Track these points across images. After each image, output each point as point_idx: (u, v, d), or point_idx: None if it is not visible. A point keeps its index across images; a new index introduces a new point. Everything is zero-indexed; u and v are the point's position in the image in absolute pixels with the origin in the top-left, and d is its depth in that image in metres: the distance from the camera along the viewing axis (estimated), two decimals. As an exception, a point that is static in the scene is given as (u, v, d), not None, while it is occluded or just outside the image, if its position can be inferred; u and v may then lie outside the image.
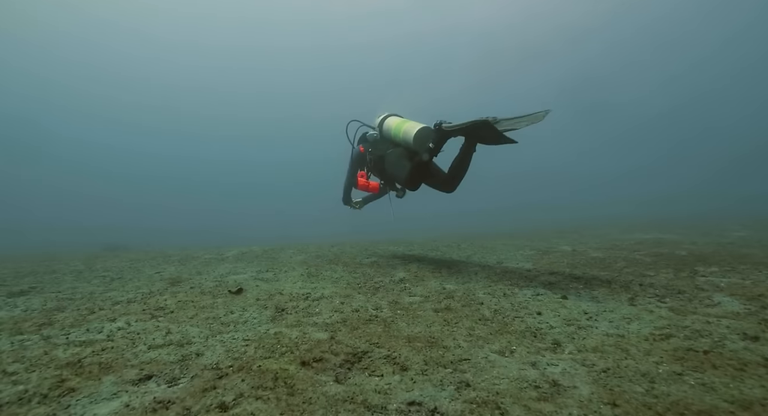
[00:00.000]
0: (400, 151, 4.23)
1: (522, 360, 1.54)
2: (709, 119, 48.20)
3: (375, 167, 4.74)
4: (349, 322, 2.03)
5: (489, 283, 3.02)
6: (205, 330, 1.99)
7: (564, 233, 9.16)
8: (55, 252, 9.64)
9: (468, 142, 3.78)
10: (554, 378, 1.36)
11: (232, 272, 4.17)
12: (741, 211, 12.84)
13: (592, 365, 1.47)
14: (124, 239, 13.18)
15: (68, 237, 17.14)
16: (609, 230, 9.60)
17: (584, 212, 19.49)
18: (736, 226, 8.24)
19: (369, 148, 4.76)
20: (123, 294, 3.20)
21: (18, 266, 5.96)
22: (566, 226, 12.21)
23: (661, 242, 5.75)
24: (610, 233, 8.44)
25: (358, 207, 5.57)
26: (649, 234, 7.32)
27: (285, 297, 2.74)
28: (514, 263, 4.23)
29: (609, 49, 48.36)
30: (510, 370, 1.43)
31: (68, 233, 19.34)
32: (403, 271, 3.83)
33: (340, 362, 1.45)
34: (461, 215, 22.15)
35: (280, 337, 1.76)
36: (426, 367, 1.43)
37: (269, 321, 2.20)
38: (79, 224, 24.50)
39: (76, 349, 1.82)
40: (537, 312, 2.18)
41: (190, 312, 2.49)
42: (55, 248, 11.73)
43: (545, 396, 1.24)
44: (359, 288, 3.11)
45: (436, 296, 2.58)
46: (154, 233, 18.10)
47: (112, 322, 2.35)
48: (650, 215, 14.58)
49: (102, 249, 10.65)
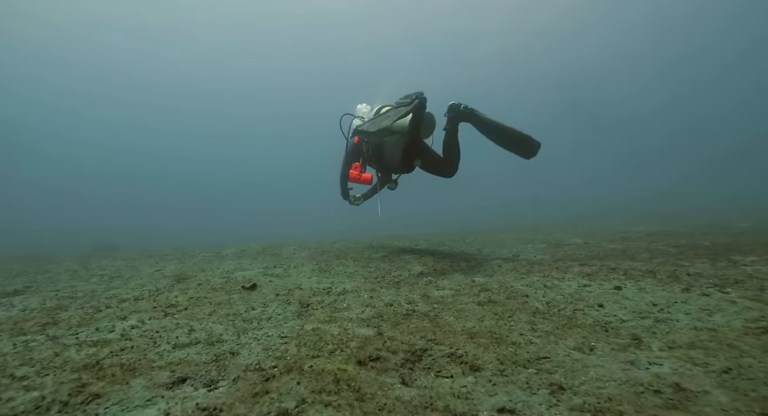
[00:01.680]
0: (397, 138, 4.40)
1: (615, 358, 1.38)
2: (695, 116, 48.85)
3: (372, 155, 4.83)
4: (387, 317, 1.88)
5: (520, 275, 2.89)
6: (230, 327, 1.83)
7: (563, 228, 9.09)
8: (44, 253, 9.32)
9: (452, 122, 4.04)
10: (674, 381, 1.20)
11: (238, 269, 4.00)
12: (729, 206, 12.89)
13: (704, 364, 1.31)
14: (113, 239, 12.81)
15: (53, 238, 16.67)
16: (608, 224, 9.58)
17: (572, 209, 19.54)
18: (735, 218, 8.26)
19: (365, 138, 4.84)
20: (128, 292, 3.02)
21: (6, 266, 5.71)
22: (560, 222, 12.17)
23: (671, 234, 5.69)
24: (612, 227, 8.40)
25: (358, 203, 5.55)
26: (652, 227, 7.28)
27: (306, 292, 2.58)
28: (531, 255, 4.11)
29: (598, 47, 48.72)
30: (610, 370, 1.27)
31: (53, 234, 18.82)
32: (419, 265, 3.69)
33: (400, 361, 1.29)
34: (449, 213, 22.04)
35: (320, 334, 1.60)
36: (502, 367, 1.28)
37: (296, 316, 2.05)
38: (64, 225, 23.87)
39: (90, 349, 1.64)
40: (597, 304, 2.04)
41: (206, 308, 2.32)
42: (42, 249, 11.36)
43: (673, 403, 1.08)
44: (379, 282, 2.96)
45: (469, 290, 2.44)
46: (142, 233, 17.67)
47: (123, 320, 2.17)
48: (642, 209, 14.62)
49: (92, 250, 10.33)
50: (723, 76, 50.21)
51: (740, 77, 50.15)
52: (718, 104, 50.40)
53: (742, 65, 49.17)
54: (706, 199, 17.93)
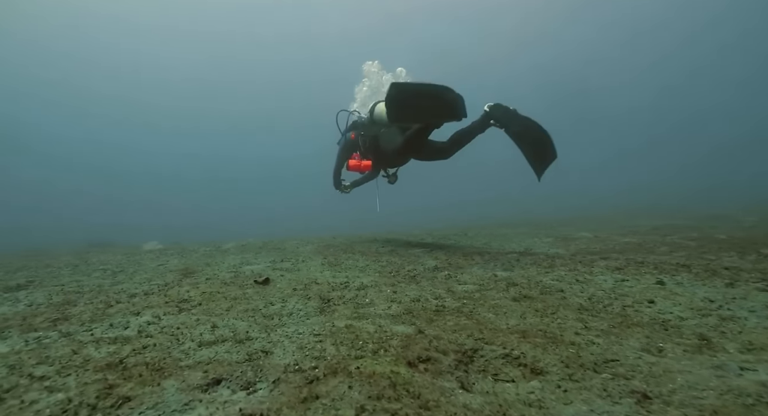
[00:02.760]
0: (393, 129, 4.70)
1: (696, 362, 1.24)
2: (683, 111, 49.08)
3: (369, 147, 5.04)
4: (417, 313, 1.81)
5: (543, 269, 2.82)
6: (253, 324, 1.75)
7: (562, 222, 9.07)
8: (39, 249, 9.16)
9: (483, 119, 4.21)
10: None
11: (245, 263, 3.92)
12: (718, 199, 12.89)
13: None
14: (104, 236, 12.62)
15: (43, 235, 16.42)
16: (610, 217, 9.56)
17: (564, 202, 19.57)
18: (735, 213, 8.27)
19: (361, 131, 5.08)
20: (136, 286, 2.93)
21: (4, 261, 5.58)
22: (555, 216, 12.13)
23: (679, 228, 5.68)
24: (615, 220, 8.39)
25: (348, 191, 5.84)
26: (657, 221, 7.27)
27: (323, 287, 2.50)
28: (544, 249, 4.06)
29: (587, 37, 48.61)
30: (701, 377, 1.14)
31: (42, 231, 18.56)
32: (431, 259, 3.63)
33: (453, 362, 1.21)
34: (438, 209, 22.03)
35: (355, 331, 1.53)
36: (569, 370, 1.18)
37: (318, 312, 1.98)
38: (50, 222, 23.50)
39: (110, 347, 1.57)
40: (647, 300, 1.94)
41: (222, 303, 2.25)
42: (35, 245, 11.17)
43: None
44: (394, 277, 2.89)
45: (494, 285, 2.38)
46: (132, 230, 17.46)
47: (137, 316, 2.09)
48: (637, 204, 14.62)
49: (87, 246, 10.18)
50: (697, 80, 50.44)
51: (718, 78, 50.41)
52: (698, 103, 50.56)
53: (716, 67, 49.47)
54: (686, 194, 18.03)
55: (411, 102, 3.68)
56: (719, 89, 49.72)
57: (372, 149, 5.02)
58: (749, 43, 44.36)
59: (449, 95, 3.64)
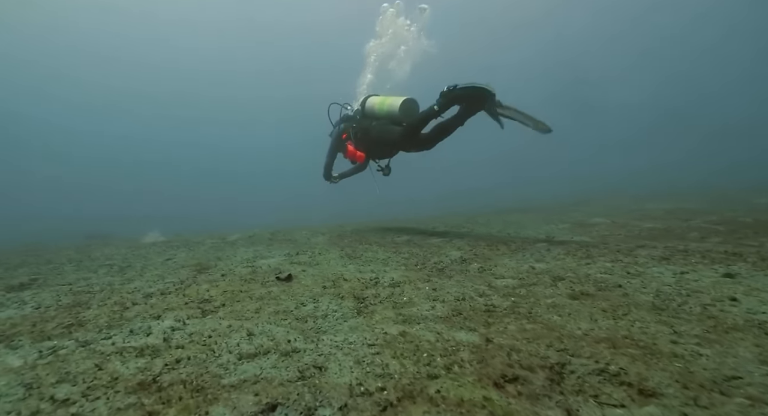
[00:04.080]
0: (384, 122, 4.93)
1: None
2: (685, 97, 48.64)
3: (361, 140, 5.22)
4: (467, 314, 1.65)
5: (581, 260, 2.65)
6: (291, 330, 1.59)
7: (567, 207, 8.93)
8: (36, 242, 8.96)
9: (463, 110, 4.14)
10: None
11: (259, 257, 3.76)
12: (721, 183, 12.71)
13: None
14: (101, 228, 12.40)
15: (40, 228, 16.17)
16: (614, 201, 9.42)
17: (564, 187, 19.44)
18: (740, 193, 8.14)
19: (353, 124, 5.30)
20: (150, 285, 2.76)
21: (2, 256, 5.39)
22: (557, 202, 11.96)
23: (695, 212, 5.54)
24: (622, 205, 8.26)
25: (336, 181, 6.12)
26: (664, 204, 7.13)
27: (353, 284, 2.35)
28: (565, 236, 3.90)
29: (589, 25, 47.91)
30: None
31: (39, 224, 18.28)
32: (453, 249, 3.48)
33: (546, 382, 1.05)
34: (430, 199, 21.83)
35: (413, 340, 1.36)
36: (690, 393, 0.99)
37: (355, 313, 1.82)
38: (46, 214, 23.15)
39: (137, 361, 1.41)
40: (728, 297, 1.76)
41: (249, 304, 2.09)
42: (30, 237, 10.95)
43: None
44: (421, 270, 2.74)
45: (536, 278, 2.23)
46: (128, 222, 17.20)
47: (158, 320, 1.93)
48: (638, 187, 14.46)
49: (85, 238, 9.98)
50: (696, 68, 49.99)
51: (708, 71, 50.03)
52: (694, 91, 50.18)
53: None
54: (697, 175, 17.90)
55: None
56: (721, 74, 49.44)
57: (363, 140, 5.19)
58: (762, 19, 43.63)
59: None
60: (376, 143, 5.08)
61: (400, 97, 4.73)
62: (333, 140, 5.66)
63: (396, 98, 4.77)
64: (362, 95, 5.30)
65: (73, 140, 51.62)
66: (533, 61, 48.97)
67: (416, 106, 4.75)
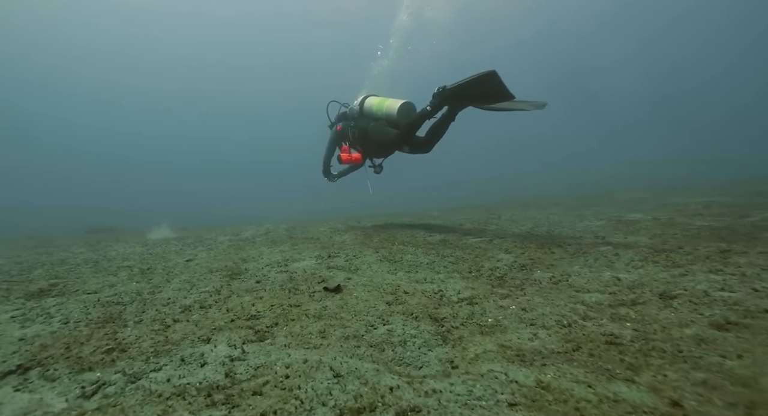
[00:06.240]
0: (382, 123, 5.04)
1: None
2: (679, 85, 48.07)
3: (358, 139, 5.33)
4: (591, 350, 1.39)
5: (673, 269, 2.32)
6: (382, 367, 1.35)
7: (587, 200, 8.67)
8: (42, 236, 8.73)
9: (451, 108, 4.24)
10: None
11: (289, 259, 3.52)
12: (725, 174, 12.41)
13: None
14: (103, 220, 12.16)
15: (42, 219, 15.93)
16: (630, 195, 9.15)
17: (569, 178, 19.19)
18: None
19: (351, 123, 5.40)
20: (183, 295, 2.53)
21: (12, 253, 5.16)
22: (569, 193, 11.70)
23: (734, 206, 5.28)
24: (645, 199, 7.99)
25: (335, 180, 6.27)
26: (696, 198, 6.87)
27: (419, 299, 2.10)
28: (617, 236, 3.63)
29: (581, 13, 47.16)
30: None
31: (38, 216, 18.03)
32: (501, 252, 3.24)
33: None
34: (438, 188, 21.58)
35: (568, 399, 1.07)
36: None
37: (441, 341, 1.58)
38: (43, 206, 22.89)
39: (212, 412, 1.18)
40: None
41: (308, 324, 1.86)
42: (32, 231, 10.71)
43: None
44: (478, 278, 2.52)
45: (633, 294, 1.94)
46: (126, 214, 16.95)
47: (208, 344, 1.71)
48: (650, 179, 14.18)
49: (87, 232, 9.76)
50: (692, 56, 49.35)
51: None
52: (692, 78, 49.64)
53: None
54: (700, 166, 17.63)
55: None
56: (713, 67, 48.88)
57: (361, 140, 5.30)
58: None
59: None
60: (373, 144, 5.22)
61: (399, 100, 4.87)
62: (332, 135, 5.79)
63: (395, 101, 4.91)
64: (361, 95, 5.41)
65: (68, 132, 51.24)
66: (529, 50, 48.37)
67: (414, 109, 4.82)
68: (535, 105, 4.10)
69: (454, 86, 4.12)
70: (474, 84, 3.97)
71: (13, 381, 1.51)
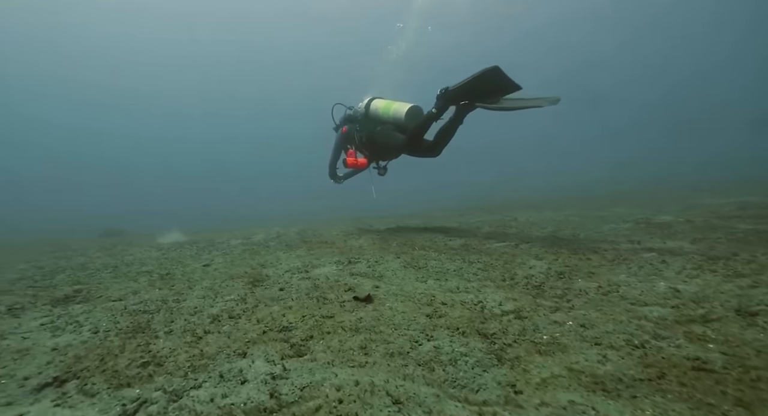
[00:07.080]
0: (389, 127, 5.04)
1: None
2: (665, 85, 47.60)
3: (365, 143, 5.34)
4: (679, 377, 1.26)
5: (738, 280, 2.17)
6: (442, 393, 1.28)
7: (601, 200, 8.53)
8: (58, 239, 8.77)
9: (459, 110, 4.23)
10: None
11: (308, 265, 3.46)
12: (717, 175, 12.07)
13: None
14: (113, 223, 12.21)
15: (54, 223, 16.04)
16: (651, 195, 9.00)
17: (570, 178, 18.97)
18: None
19: (357, 127, 5.39)
20: (209, 303, 2.49)
21: (32, 258, 5.16)
22: (577, 195, 11.48)
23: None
24: (671, 198, 7.81)
25: (341, 182, 6.31)
26: (725, 198, 6.70)
27: (461, 311, 2.02)
28: (653, 241, 3.49)
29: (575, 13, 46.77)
30: None
31: (51, 219, 18.16)
32: (532, 258, 3.16)
33: None
34: (434, 190, 21.42)
35: None
36: None
37: (496, 361, 1.47)
38: (54, 209, 23.07)
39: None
40: None
41: (346, 339, 1.79)
42: (45, 234, 10.77)
43: None
44: (514, 287, 2.44)
45: (700, 308, 1.82)
46: (134, 217, 16.99)
47: (245, 359, 1.65)
48: (649, 179, 13.88)
49: (100, 235, 9.81)
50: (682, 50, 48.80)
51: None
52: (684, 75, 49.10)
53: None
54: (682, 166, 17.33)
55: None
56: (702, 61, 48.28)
57: (368, 144, 5.31)
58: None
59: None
60: (380, 148, 5.22)
61: (407, 104, 4.81)
62: (337, 138, 5.76)
63: (402, 104, 4.85)
64: (367, 97, 5.35)
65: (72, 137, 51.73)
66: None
67: (421, 113, 4.76)
68: (549, 101, 4.01)
69: (456, 86, 4.08)
70: (477, 81, 3.93)
71: (51, 395, 1.47)
